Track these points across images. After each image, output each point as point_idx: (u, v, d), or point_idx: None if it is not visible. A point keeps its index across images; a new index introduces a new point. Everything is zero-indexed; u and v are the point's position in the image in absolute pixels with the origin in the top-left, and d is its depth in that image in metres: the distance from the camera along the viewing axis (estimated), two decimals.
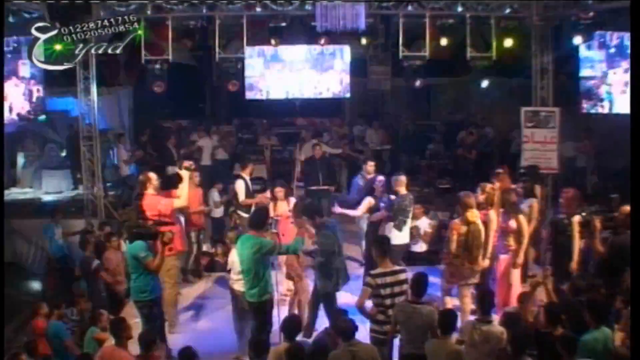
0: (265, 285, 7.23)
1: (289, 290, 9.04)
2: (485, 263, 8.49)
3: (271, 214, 8.95)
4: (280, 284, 8.33)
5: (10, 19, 10.82)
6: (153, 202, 8.47)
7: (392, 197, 9.29)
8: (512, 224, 8.50)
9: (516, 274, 8.62)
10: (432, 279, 7.36)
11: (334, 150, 14.57)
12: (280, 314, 7.45)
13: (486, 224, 8.47)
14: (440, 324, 6.16)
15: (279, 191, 9.86)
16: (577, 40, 11.52)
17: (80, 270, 9.88)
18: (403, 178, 9.26)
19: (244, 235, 7.53)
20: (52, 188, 14.10)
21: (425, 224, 11.01)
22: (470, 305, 8.34)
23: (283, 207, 9.68)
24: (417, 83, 13.25)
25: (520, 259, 8.57)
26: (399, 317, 6.48)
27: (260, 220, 7.48)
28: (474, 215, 8.28)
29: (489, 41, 11.97)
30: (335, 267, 7.89)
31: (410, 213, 9.32)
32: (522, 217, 8.58)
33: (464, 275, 8.43)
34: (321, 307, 8.10)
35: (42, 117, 12.13)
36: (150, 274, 7.58)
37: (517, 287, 8.47)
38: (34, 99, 11.75)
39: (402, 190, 9.19)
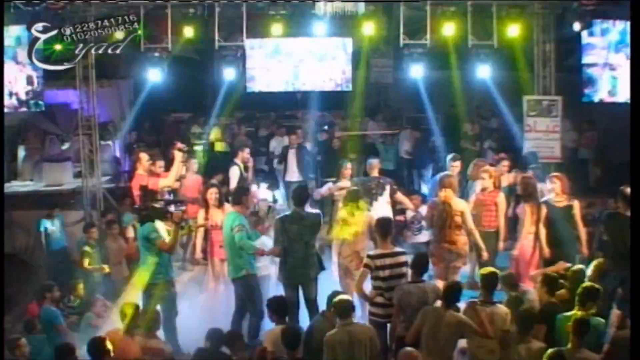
0: (241, 262, 7.62)
1: None
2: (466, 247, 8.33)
3: None
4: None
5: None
6: (140, 182, 8.77)
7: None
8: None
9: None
10: None
11: None
12: None
13: (497, 205, 8.74)
14: (444, 295, 6.07)
15: None
16: (579, 27, 11.46)
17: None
18: (374, 162, 9.84)
19: (229, 212, 8.01)
20: (52, 180, 14.04)
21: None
22: None
23: None
24: (418, 74, 13.12)
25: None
26: (403, 300, 6.33)
27: (238, 195, 8.02)
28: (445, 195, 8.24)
29: (491, 30, 11.87)
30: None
31: (377, 195, 9.35)
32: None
33: (443, 256, 8.14)
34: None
35: (40, 103, 11.97)
36: (162, 255, 7.53)
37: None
38: (33, 84, 11.69)
39: (373, 172, 9.62)
